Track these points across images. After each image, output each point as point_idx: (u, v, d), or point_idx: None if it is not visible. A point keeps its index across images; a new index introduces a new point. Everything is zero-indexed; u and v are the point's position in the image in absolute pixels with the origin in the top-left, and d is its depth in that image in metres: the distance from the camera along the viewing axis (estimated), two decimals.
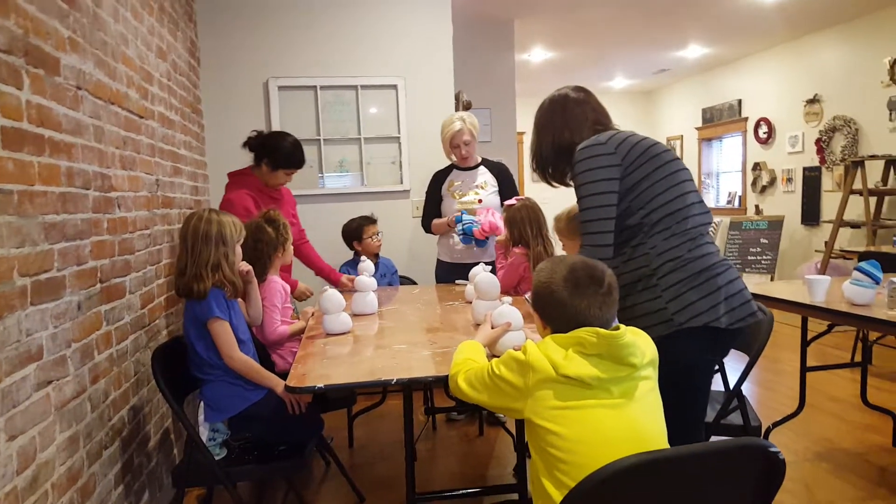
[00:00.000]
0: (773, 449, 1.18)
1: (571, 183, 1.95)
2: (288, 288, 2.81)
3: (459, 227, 3.37)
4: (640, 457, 1.14)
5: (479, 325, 2.19)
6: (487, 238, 3.35)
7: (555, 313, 1.43)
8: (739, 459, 1.20)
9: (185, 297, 2.22)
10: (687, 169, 1.86)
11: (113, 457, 2.15)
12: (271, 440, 2.27)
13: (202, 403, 2.25)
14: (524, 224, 2.84)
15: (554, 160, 1.99)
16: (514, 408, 1.39)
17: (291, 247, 2.76)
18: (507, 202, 3.05)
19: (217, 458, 2.19)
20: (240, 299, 2.43)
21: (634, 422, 1.33)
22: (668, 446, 1.36)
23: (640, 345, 1.38)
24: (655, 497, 1.17)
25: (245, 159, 3.19)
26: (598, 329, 1.34)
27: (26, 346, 1.60)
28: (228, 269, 2.26)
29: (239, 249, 2.35)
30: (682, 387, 1.73)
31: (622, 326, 1.38)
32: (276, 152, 3.06)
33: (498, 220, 3.24)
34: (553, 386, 1.32)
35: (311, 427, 2.41)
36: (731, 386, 2.24)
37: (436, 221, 3.57)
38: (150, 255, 2.68)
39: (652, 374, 1.42)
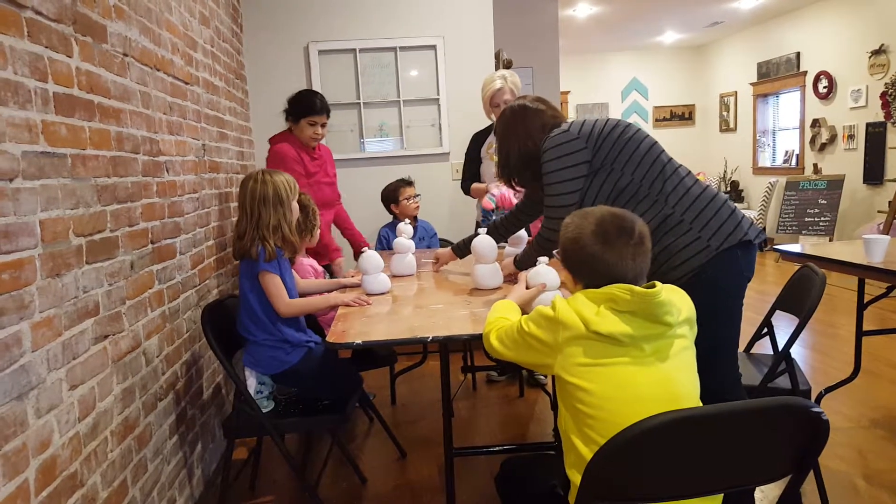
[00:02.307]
0: (815, 409, 1.13)
1: (534, 185, 2.14)
2: (320, 268, 2.90)
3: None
4: (672, 414, 1.12)
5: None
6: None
7: (586, 268, 1.42)
8: (778, 419, 1.16)
9: (241, 258, 2.30)
10: (649, 135, 2.01)
11: (167, 409, 2.27)
12: (312, 396, 2.36)
13: (243, 364, 2.34)
14: None
15: (519, 168, 2.13)
16: (544, 363, 1.40)
17: (318, 231, 2.80)
18: None
19: (265, 410, 2.28)
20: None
21: (666, 380, 1.31)
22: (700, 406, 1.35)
23: (676, 302, 1.37)
24: (688, 456, 1.16)
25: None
26: (632, 286, 1.32)
27: (84, 302, 1.69)
28: (287, 228, 2.33)
29: (295, 206, 2.41)
30: (723, 312, 1.86)
31: (658, 284, 1.35)
32: (293, 104, 3.16)
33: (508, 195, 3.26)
34: (583, 342, 1.32)
35: (350, 384, 2.48)
36: (781, 349, 2.20)
37: (475, 186, 3.55)
38: (198, 218, 2.77)
39: (688, 332, 1.40)
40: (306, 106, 3.12)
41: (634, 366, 1.31)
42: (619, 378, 1.30)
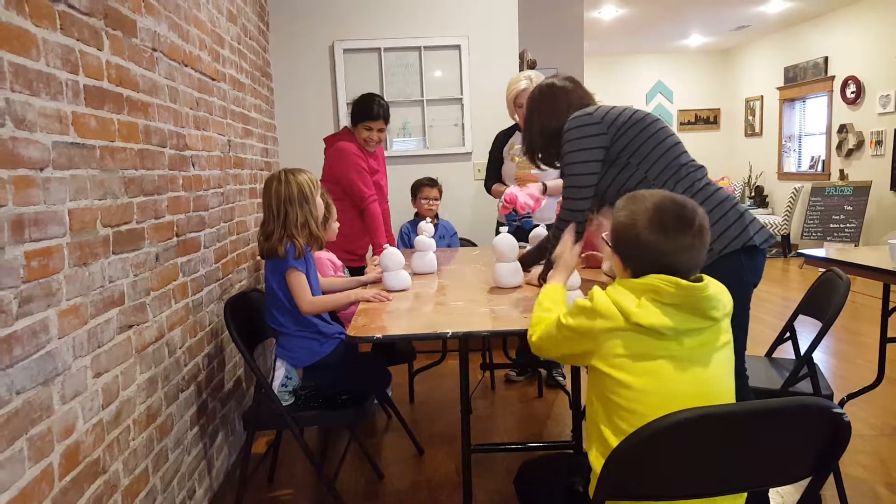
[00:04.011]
0: (836, 409, 1.13)
1: (559, 165, 2.13)
2: (339, 262, 2.90)
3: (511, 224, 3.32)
4: (691, 411, 1.12)
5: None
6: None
7: (637, 257, 1.36)
8: (799, 420, 1.16)
9: (268, 257, 2.32)
10: (674, 132, 2.01)
11: (189, 400, 2.30)
12: (342, 388, 2.38)
13: (276, 355, 2.36)
14: None
15: (542, 146, 2.14)
16: (582, 352, 1.37)
17: (335, 223, 2.74)
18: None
19: (285, 404, 2.30)
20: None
21: (704, 377, 1.29)
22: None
23: (722, 298, 1.32)
24: (708, 454, 1.15)
25: (313, 124, 3.31)
26: (677, 280, 1.27)
27: (109, 292, 1.72)
28: (314, 224, 2.35)
29: (320, 202, 2.42)
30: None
31: (705, 277, 1.32)
32: (354, 106, 3.24)
33: (527, 198, 3.18)
34: (622, 335, 1.28)
35: (379, 379, 2.50)
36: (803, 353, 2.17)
37: (496, 187, 3.55)
38: (223, 213, 2.81)
39: (728, 328, 1.36)
40: (365, 111, 3.19)
41: (674, 360, 1.27)
42: (658, 372, 1.27)
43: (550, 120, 2.07)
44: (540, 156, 2.19)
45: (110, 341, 1.72)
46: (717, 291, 1.31)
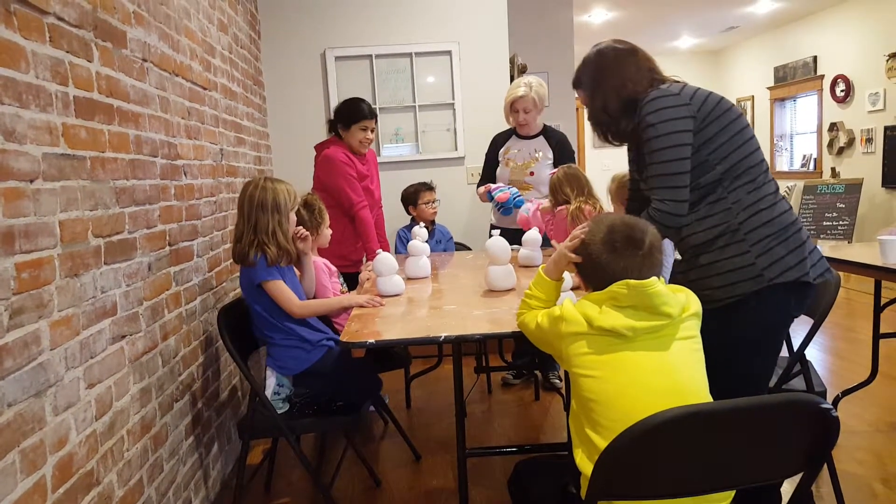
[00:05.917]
0: (823, 405, 1.14)
1: (632, 139, 1.89)
2: (333, 267, 2.89)
3: (511, 200, 3.27)
4: (681, 409, 1.13)
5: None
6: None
7: (594, 275, 1.47)
8: (788, 416, 1.17)
9: (241, 263, 2.32)
10: (748, 124, 1.78)
11: (183, 409, 2.29)
12: (333, 395, 2.37)
13: (266, 365, 2.36)
14: (562, 186, 2.86)
15: (618, 116, 1.85)
16: (552, 352, 1.50)
17: (328, 230, 2.73)
18: (550, 172, 3.07)
19: (280, 412, 2.30)
20: (296, 270, 2.52)
21: (672, 372, 1.33)
22: (709, 400, 1.36)
23: (681, 298, 1.39)
24: (698, 452, 1.16)
25: (306, 131, 3.33)
26: (628, 280, 1.36)
27: (101, 302, 1.72)
28: (282, 236, 2.31)
29: (293, 217, 2.40)
30: (761, 345, 1.73)
31: (654, 278, 1.38)
32: (342, 112, 3.26)
33: (534, 216, 3.15)
34: (586, 337, 1.37)
35: (371, 384, 2.49)
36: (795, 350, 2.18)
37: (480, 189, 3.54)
38: (216, 221, 2.81)
39: (694, 328, 1.42)
40: (356, 112, 3.24)
41: (638, 357, 1.34)
42: (623, 365, 1.34)
43: (625, 85, 1.80)
44: (615, 129, 1.89)
45: (103, 352, 1.72)
46: (667, 289, 1.38)
